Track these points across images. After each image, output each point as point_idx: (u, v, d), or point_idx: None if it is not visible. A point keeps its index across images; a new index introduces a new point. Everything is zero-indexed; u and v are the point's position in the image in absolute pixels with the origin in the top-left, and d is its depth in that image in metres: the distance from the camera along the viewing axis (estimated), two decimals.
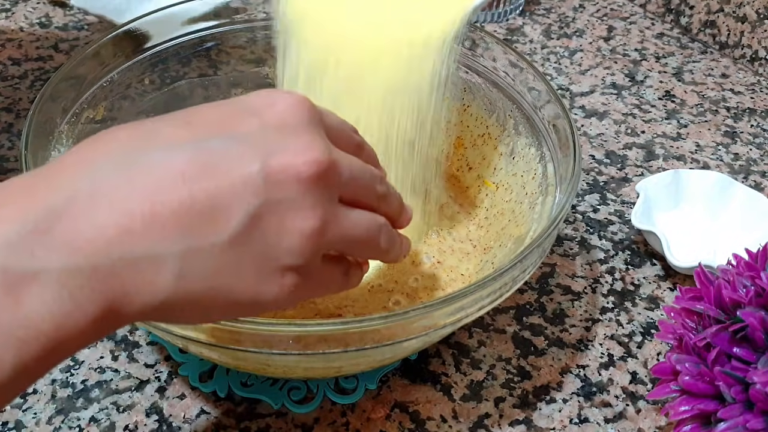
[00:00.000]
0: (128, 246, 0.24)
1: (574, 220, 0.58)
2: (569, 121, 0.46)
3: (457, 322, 0.38)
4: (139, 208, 0.24)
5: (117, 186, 0.24)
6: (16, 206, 0.24)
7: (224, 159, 0.26)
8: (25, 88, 0.66)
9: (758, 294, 0.38)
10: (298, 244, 0.28)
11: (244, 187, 0.26)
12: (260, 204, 0.26)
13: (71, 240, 0.23)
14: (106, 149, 0.26)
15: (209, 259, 0.26)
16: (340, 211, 0.30)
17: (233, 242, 0.26)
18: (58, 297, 0.23)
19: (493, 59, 0.53)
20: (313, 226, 0.28)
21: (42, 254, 0.23)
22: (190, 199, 0.25)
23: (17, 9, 0.77)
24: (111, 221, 0.24)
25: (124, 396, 0.43)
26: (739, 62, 0.78)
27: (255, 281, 0.28)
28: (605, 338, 0.49)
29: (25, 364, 0.23)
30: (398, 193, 0.35)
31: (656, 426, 0.44)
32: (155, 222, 0.25)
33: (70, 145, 0.46)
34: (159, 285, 0.25)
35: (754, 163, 0.65)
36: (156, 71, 0.53)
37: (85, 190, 0.24)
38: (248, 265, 0.27)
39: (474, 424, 0.43)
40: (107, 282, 0.24)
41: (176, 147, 0.26)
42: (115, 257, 0.24)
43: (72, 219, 0.24)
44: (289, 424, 0.42)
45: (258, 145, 0.27)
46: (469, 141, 0.56)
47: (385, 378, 0.45)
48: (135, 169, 0.25)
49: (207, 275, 0.26)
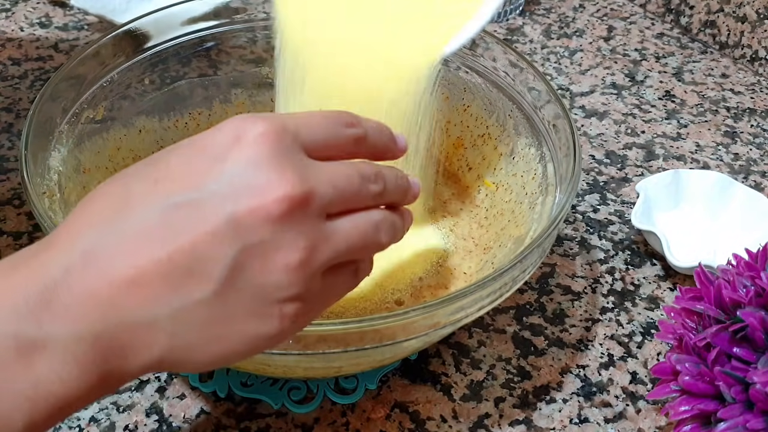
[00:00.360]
0: (123, 312, 0.26)
1: (574, 220, 0.58)
2: (569, 121, 0.46)
3: (457, 322, 0.38)
4: (126, 275, 0.26)
5: (102, 256, 0.26)
6: (22, 277, 0.26)
7: (193, 215, 0.26)
8: (25, 88, 0.66)
9: (758, 294, 0.38)
10: (286, 279, 0.27)
11: (217, 239, 0.26)
12: (237, 252, 0.26)
13: (73, 309, 0.25)
14: (90, 221, 0.27)
15: (199, 314, 0.27)
16: (328, 230, 0.29)
17: (220, 293, 0.27)
18: (65, 362, 0.25)
19: (493, 59, 0.53)
20: (297, 259, 0.27)
21: (48, 323, 0.25)
22: (169, 260, 0.26)
23: (17, 9, 0.77)
24: (103, 290, 0.26)
25: (124, 396, 0.43)
26: (739, 62, 0.78)
27: (254, 322, 0.28)
28: (605, 338, 0.49)
29: (35, 422, 0.25)
30: (402, 175, 0.34)
31: (656, 426, 0.44)
32: (141, 286, 0.26)
33: (70, 146, 0.46)
34: (155, 345, 0.27)
35: (754, 163, 0.65)
36: (156, 71, 0.53)
37: (77, 261, 0.26)
38: (242, 310, 0.27)
39: (474, 424, 0.43)
40: (108, 346, 0.26)
41: (147, 211, 0.26)
42: (113, 324, 0.26)
43: (69, 290, 0.26)
44: (289, 424, 0.42)
45: (225, 194, 0.26)
46: (469, 141, 0.56)
47: (385, 378, 0.45)
48: (115, 240, 0.26)
49: (201, 329, 0.27)
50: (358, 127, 0.32)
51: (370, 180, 0.31)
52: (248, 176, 0.27)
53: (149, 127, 0.53)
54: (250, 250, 0.26)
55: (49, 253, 0.27)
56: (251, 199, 0.26)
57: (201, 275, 0.26)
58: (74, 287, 0.26)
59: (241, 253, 0.26)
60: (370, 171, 0.31)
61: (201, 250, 0.26)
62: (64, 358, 0.25)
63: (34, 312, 0.25)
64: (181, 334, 0.27)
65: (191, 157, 0.28)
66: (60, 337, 0.25)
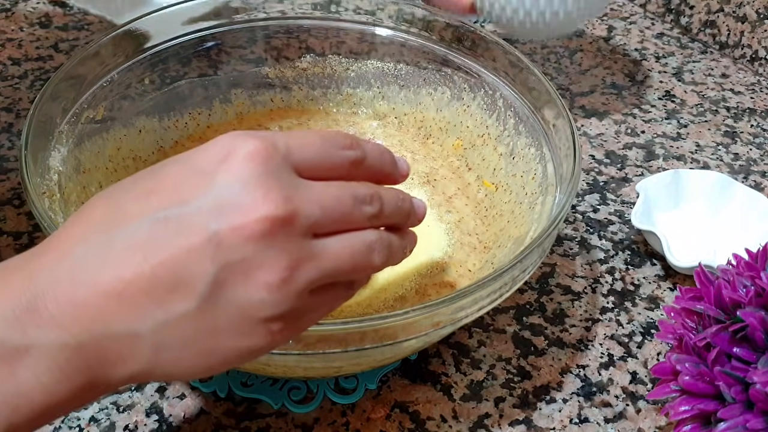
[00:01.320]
0: (107, 323, 0.26)
1: (574, 220, 0.58)
2: (569, 121, 0.46)
3: (457, 322, 0.38)
4: (111, 287, 0.26)
5: (91, 269, 0.26)
6: (11, 286, 0.27)
7: (177, 230, 0.26)
8: (25, 88, 0.66)
9: (758, 294, 0.38)
10: (269, 297, 0.27)
11: (199, 256, 0.26)
12: (219, 269, 0.26)
13: (58, 318, 0.26)
14: (81, 233, 0.28)
15: (183, 328, 0.27)
16: (313, 249, 0.28)
17: (202, 309, 0.27)
18: (48, 369, 0.26)
19: (493, 59, 0.53)
20: (279, 278, 0.27)
21: (33, 330, 0.26)
22: (152, 274, 0.26)
23: (17, 9, 0.77)
24: (90, 302, 0.26)
25: (124, 396, 0.43)
26: (739, 62, 0.78)
27: (239, 337, 0.28)
28: (605, 338, 0.49)
29: (14, 426, 0.26)
30: (405, 197, 0.34)
31: (656, 426, 0.44)
32: (126, 299, 0.26)
33: (70, 146, 0.46)
34: (138, 356, 0.27)
35: (754, 163, 0.65)
36: (156, 71, 0.53)
37: (66, 273, 0.26)
38: (227, 325, 0.27)
39: (474, 424, 0.43)
40: (92, 355, 0.27)
41: (136, 224, 0.27)
42: (97, 334, 0.26)
43: (56, 299, 0.26)
44: (289, 424, 0.42)
45: (210, 210, 0.27)
46: (468, 141, 0.56)
47: (385, 378, 0.45)
48: (104, 252, 0.27)
49: (184, 343, 0.27)
50: (356, 149, 0.31)
51: (365, 201, 0.31)
52: (234, 194, 0.27)
53: (149, 127, 0.53)
54: (231, 268, 0.27)
55: (40, 263, 0.27)
56: (235, 217, 0.27)
57: (184, 290, 0.26)
58: (60, 297, 0.26)
59: (222, 270, 0.26)
60: (366, 192, 0.31)
61: (183, 266, 0.26)
62: (47, 364, 0.26)
63: (20, 320, 0.26)
64: (166, 346, 0.27)
65: (183, 172, 0.28)
66: (44, 345, 0.26)
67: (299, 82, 0.59)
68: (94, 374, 0.27)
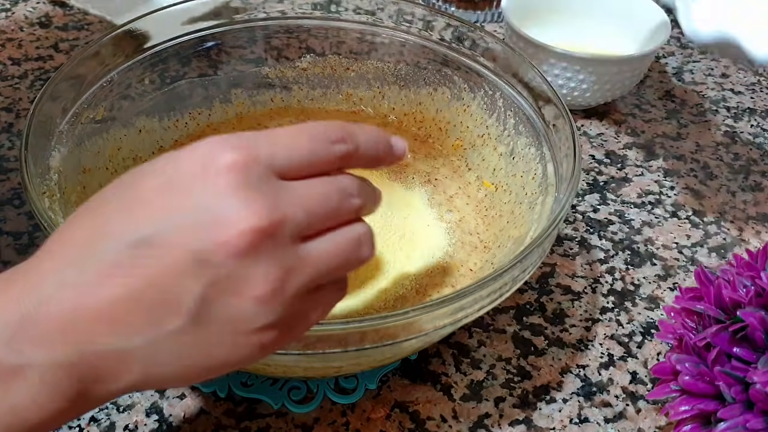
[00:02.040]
0: (96, 343, 0.26)
1: (574, 220, 0.58)
2: (569, 121, 0.46)
3: (457, 322, 0.38)
4: (98, 306, 0.26)
5: (78, 288, 0.26)
6: (2, 304, 0.27)
7: (160, 251, 0.26)
8: (25, 88, 0.66)
9: (758, 294, 0.38)
10: (258, 310, 0.27)
11: (184, 275, 0.26)
12: (204, 287, 0.26)
13: (50, 337, 0.26)
14: (68, 252, 0.27)
15: (174, 344, 0.27)
16: (303, 253, 0.28)
17: (192, 325, 0.27)
18: (41, 387, 0.26)
19: (493, 59, 0.53)
20: (268, 290, 0.27)
21: (27, 349, 0.26)
22: (140, 295, 0.26)
23: (17, 9, 0.77)
24: (78, 320, 0.26)
25: (124, 396, 0.43)
26: (739, 62, 0.78)
27: (233, 348, 0.28)
28: (605, 338, 0.49)
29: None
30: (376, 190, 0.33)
31: (656, 426, 0.44)
32: (114, 319, 0.26)
33: (71, 146, 0.46)
34: (130, 372, 0.27)
35: (754, 163, 0.65)
36: (156, 71, 0.53)
37: (54, 291, 0.26)
38: (217, 338, 0.27)
39: (474, 424, 0.43)
40: (84, 372, 0.27)
41: (119, 244, 0.26)
42: (88, 353, 0.26)
43: (47, 318, 0.26)
44: (289, 424, 0.42)
45: (191, 228, 0.26)
46: (468, 141, 0.56)
47: (385, 378, 0.45)
48: (91, 271, 0.26)
49: (175, 358, 0.27)
50: (347, 142, 0.30)
51: (352, 194, 0.30)
52: (213, 209, 0.26)
53: (149, 127, 0.53)
54: (217, 285, 0.26)
55: (29, 280, 0.27)
56: (216, 233, 0.26)
57: (171, 309, 0.26)
58: (51, 316, 0.26)
59: (208, 288, 0.26)
60: (351, 184, 0.30)
61: (169, 285, 0.26)
62: (41, 383, 0.26)
63: (15, 339, 0.26)
64: (158, 361, 0.27)
65: (161, 186, 0.27)
66: (37, 364, 0.26)
67: (299, 82, 0.59)
68: (88, 390, 0.27)
